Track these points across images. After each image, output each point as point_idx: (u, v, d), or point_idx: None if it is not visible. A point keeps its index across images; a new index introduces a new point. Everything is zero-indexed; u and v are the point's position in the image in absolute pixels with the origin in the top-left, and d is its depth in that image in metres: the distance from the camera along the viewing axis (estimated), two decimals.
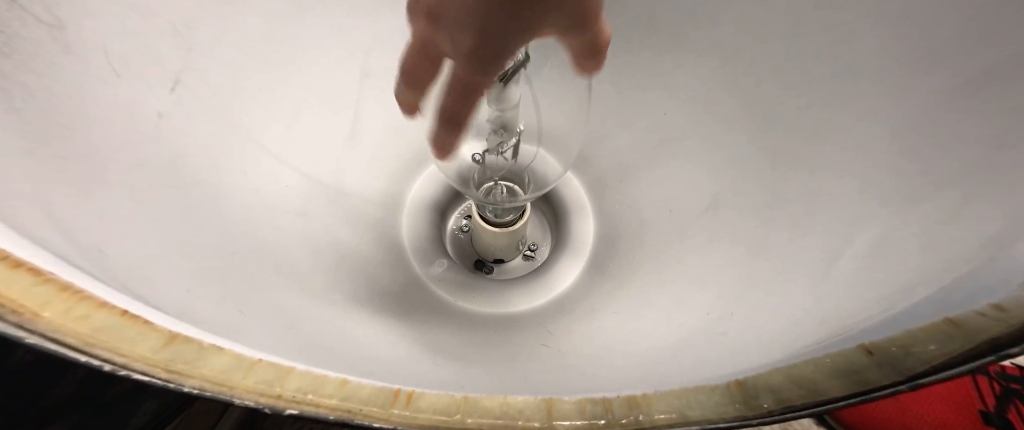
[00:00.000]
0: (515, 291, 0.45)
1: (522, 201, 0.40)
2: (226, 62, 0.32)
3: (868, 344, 0.13)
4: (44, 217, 0.19)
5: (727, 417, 0.13)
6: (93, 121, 0.25)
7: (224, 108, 0.33)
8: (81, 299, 0.13)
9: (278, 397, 0.13)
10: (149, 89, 0.28)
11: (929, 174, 0.23)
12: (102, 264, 0.20)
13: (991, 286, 0.14)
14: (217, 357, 0.14)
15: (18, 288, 0.13)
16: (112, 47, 0.26)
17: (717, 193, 0.37)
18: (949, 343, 0.13)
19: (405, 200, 0.49)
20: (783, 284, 0.28)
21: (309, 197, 0.39)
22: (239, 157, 0.34)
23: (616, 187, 0.47)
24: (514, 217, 0.41)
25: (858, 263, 0.24)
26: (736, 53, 0.35)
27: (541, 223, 0.52)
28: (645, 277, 0.40)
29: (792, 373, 0.14)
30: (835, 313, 0.21)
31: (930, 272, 0.18)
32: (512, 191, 0.42)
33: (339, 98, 0.41)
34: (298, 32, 0.36)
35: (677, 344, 0.30)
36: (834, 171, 0.29)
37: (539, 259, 0.49)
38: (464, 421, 0.13)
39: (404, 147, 0.47)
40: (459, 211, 0.52)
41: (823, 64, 0.30)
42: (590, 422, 0.14)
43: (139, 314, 0.14)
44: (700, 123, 0.39)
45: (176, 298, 0.22)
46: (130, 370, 0.13)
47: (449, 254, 0.48)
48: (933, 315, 0.13)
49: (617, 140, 0.46)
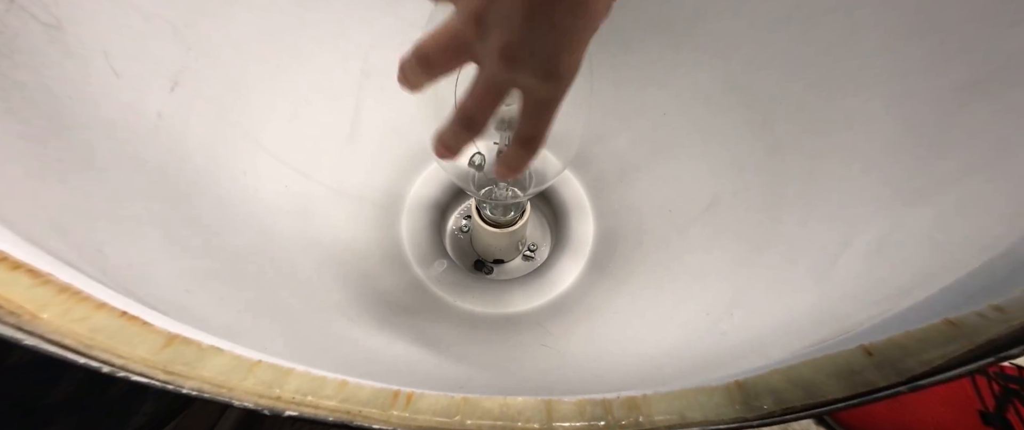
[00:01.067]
0: (515, 291, 0.45)
1: (523, 198, 0.40)
2: (226, 62, 0.32)
3: (868, 345, 0.13)
4: (43, 217, 0.19)
5: (727, 418, 0.13)
6: (92, 121, 0.25)
7: (224, 108, 0.33)
8: (80, 300, 0.13)
9: (277, 398, 0.13)
10: (149, 89, 0.28)
11: (929, 175, 0.23)
12: (101, 265, 0.20)
13: (991, 287, 0.14)
14: (216, 358, 0.14)
15: (17, 289, 0.13)
16: (111, 47, 0.26)
17: (717, 193, 0.37)
18: (949, 344, 0.13)
19: (405, 200, 0.49)
20: (783, 285, 0.28)
21: (308, 197, 0.39)
22: (239, 157, 0.34)
23: (616, 187, 0.47)
24: (514, 216, 0.41)
25: (858, 264, 0.24)
26: (736, 53, 0.35)
27: (541, 223, 0.52)
28: (645, 277, 0.40)
29: (792, 374, 0.14)
30: (835, 314, 0.21)
31: (930, 273, 0.18)
32: (513, 190, 0.42)
33: (339, 98, 0.41)
34: (298, 31, 0.36)
35: (677, 345, 0.30)
36: (834, 171, 0.29)
37: (539, 259, 0.49)
38: (464, 422, 0.13)
39: (404, 147, 0.47)
40: (459, 211, 0.52)
41: (824, 64, 0.30)
42: (590, 423, 0.14)
43: (138, 315, 0.14)
44: (700, 123, 0.39)
45: (175, 299, 0.22)
46: (129, 371, 0.13)
47: (449, 254, 0.48)
48: (933, 316, 0.13)
49: (617, 140, 0.46)
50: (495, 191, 0.40)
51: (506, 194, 0.40)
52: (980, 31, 0.23)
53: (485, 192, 0.40)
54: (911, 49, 0.26)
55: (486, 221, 0.42)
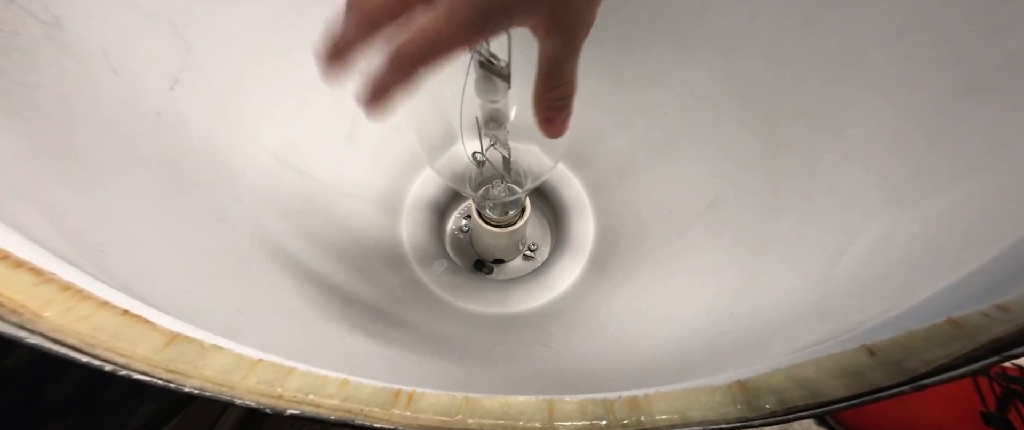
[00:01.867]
0: (515, 291, 0.45)
1: (520, 194, 0.40)
2: (225, 61, 0.32)
3: (871, 344, 0.13)
4: (44, 217, 0.19)
5: (729, 418, 0.13)
6: (92, 120, 0.25)
7: (223, 107, 0.33)
8: (82, 299, 0.13)
9: (279, 397, 0.13)
10: (148, 88, 0.28)
11: (932, 173, 0.23)
12: (102, 264, 0.20)
13: (994, 286, 0.14)
14: (218, 357, 0.14)
15: (19, 288, 0.13)
16: (111, 46, 0.26)
17: (717, 193, 0.37)
18: (952, 344, 0.13)
19: (405, 200, 0.49)
20: (784, 284, 0.28)
21: (308, 197, 0.39)
22: (238, 156, 0.34)
23: (616, 187, 0.47)
24: (514, 215, 0.41)
25: (860, 262, 0.24)
26: (736, 52, 0.35)
27: (541, 223, 0.52)
28: (645, 277, 0.40)
29: (794, 373, 0.13)
30: (836, 313, 0.21)
31: (933, 272, 0.18)
32: (510, 188, 0.42)
33: (338, 97, 0.41)
34: (297, 30, 0.36)
35: (678, 344, 0.30)
36: (836, 170, 0.29)
37: (539, 259, 0.49)
38: (465, 421, 0.13)
39: (404, 147, 0.47)
40: (459, 211, 0.52)
41: (824, 63, 0.30)
42: (591, 422, 0.13)
43: (140, 314, 0.14)
44: (700, 122, 0.39)
45: (176, 298, 0.22)
46: (131, 370, 0.13)
47: (449, 254, 0.48)
48: (936, 315, 0.13)
49: (617, 139, 0.46)
50: (491, 191, 0.40)
51: (502, 193, 0.40)
52: (981, 30, 0.23)
53: (482, 192, 0.40)
54: (912, 48, 0.26)
55: (486, 221, 0.41)
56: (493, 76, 0.24)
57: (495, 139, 0.31)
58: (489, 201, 0.40)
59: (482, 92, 0.25)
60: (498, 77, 0.24)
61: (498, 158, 0.34)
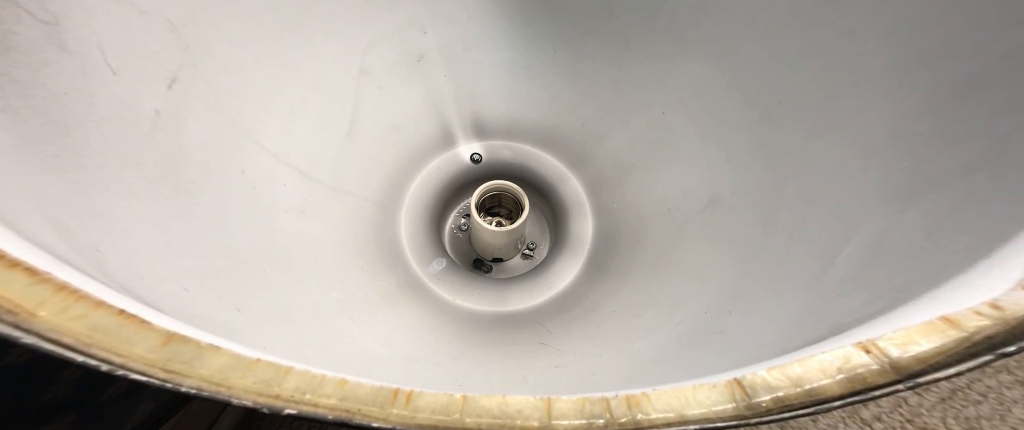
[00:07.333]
0: (514, 290, 0.45)
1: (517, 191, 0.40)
2: (224, 60, 0.32)
3: (866, 342, 0.13)
4: (40, 215, 0.19)
5: (726, 416, 0.13)
6: (89, 118, 0.24)
7: (222, 106, 0.33)
8: (78, 298, 0.13)
9: (276, 397, 0.13)
10: (146, 86, 0.28)
11: (927, 172, 0.23)
12: (99, 263, 0.20)
13: (988, 284, 0.14)
14: (215, 357, 0.14)
15: (14, 287, 0.13)
16: (108, 44, 0.26)
17: (716, 192, 0.38)
18: (947, 342, 0.13)
19: (403, 199, 0.49)
20: (781, 283, 0.28)
21: (307, 195, 0.39)
22: (237, 155, 0.34)
23: (615, 186, 0.47)
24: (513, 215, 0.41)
25: (856, 261, 0.24)
26: (735, 51, 0.35)
27: (540, 222, 0.52)
28: (643, 276, 0.40)
29: (790, 372, 0.14)
30: (833, 311, 0.21)
31: (927, 270, 0.18)
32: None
33: (337, 96, 0.41)
34: (296, 29, 0.36)
35: (676, 343, 0.30)
36: (832, 169, 0.29)
37: (538, 258, 0.49)
38: (463, 420, 0.13)
39: (402, 145, 0.47)
40: (458, 210, 0.52)
41: (822, 62, 0.30)
42: (589, 421, 0.14)
43: (136, 313, 0.14)
44: (699, 121, 0.39)
45: (174, 297, 0.22)
46: (128, 370, 0.13)
47: (448, 253, 0.48)
48: (930, 313, 0.13)
49: (616, 139, 0.46)
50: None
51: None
52: (979, 28, 0.23)
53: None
54: (910, 47, 0.26)
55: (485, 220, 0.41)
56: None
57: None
58: (487, 194, 0.39)
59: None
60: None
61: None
